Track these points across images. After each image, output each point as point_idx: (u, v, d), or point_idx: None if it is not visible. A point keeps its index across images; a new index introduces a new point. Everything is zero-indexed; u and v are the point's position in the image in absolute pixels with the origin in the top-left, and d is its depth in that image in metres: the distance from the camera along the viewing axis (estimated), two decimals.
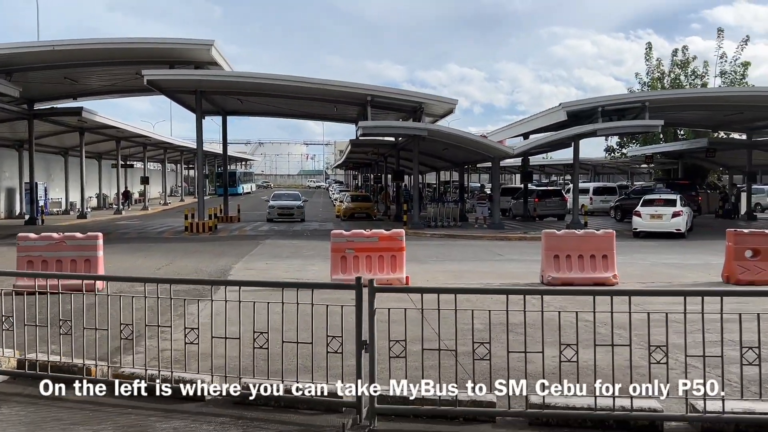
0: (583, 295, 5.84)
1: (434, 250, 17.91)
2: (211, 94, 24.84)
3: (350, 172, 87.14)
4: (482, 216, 26.76)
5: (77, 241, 10.47)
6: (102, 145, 42.92)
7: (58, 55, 22.01)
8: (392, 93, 23.02)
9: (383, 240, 11.05)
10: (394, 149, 32.62)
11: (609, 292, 5.09)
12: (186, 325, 5.17)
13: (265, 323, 4.76)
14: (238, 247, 18.57)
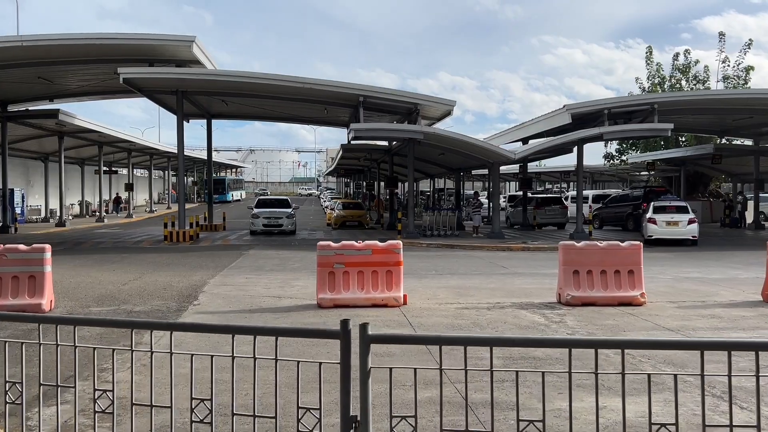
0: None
1: (432, 261, 16.47)
2: (193, 95, 23.36)
3: (342, 180, 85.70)
4: (478, 224, 25.38)
5: (20, 255, 8.96)
6: (84, 151, 41.29)
7: (28, 52, 20.45)
8: (386, 93, 21.62)
9: (377, 253, 9.60)
10: (388, 154, 31.21)
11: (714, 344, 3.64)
12: (96, 385, 3.65)
13: (209, 385, 3.27)
14: (219, 258, 17.06)
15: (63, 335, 3.88)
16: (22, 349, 3.76)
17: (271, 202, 28.14)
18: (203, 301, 10.10)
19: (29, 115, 28.04)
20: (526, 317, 8.89)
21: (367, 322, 3.00)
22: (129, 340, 3.39)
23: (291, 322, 8.47)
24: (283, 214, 25.45)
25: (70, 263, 15.82)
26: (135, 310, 9.34)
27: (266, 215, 25.29)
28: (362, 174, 54.51)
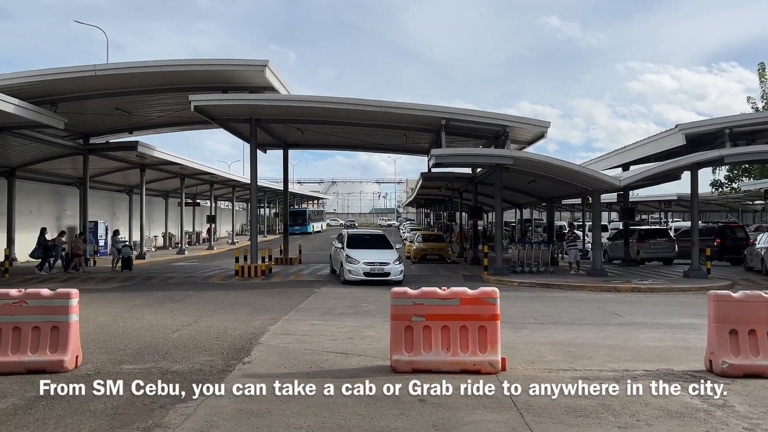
0: None
1: (528, 305, 14.16)
2: (267, 123, 22.32)
3: (422, 210, 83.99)
4: (575, 260, 22.68)
5: (43, 301, 7.57)
6: (168, 183, 41.72)
7: (102, 82, 20.08)
8: (470, 115, 19.66)
9: (467, 303, 7.55)
10: (471, 183, 29.09)
11: None
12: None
13: None
14: (287, 297, 15.48)
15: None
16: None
17: (366, 240, 20.84)
18: (255, 358, 8.36)
19: (109, 148, 28.06)
20: (672, 397, 6.54)
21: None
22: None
23: (356, 394, 6.54)
24: (390, 259, 18.80)
25: (130, 302, 14.71)
26: (172, 369, 7.72)
27: (368, 260, 18.42)
28: (443, 204, 52.51)
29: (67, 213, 33.28)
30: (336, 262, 20.61)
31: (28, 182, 28.96)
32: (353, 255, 18.85)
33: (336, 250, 20.87)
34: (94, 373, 7.41)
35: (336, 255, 20.70)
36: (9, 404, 6.11)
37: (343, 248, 19.46)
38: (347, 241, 19.89)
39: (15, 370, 7.29)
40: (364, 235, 21.96)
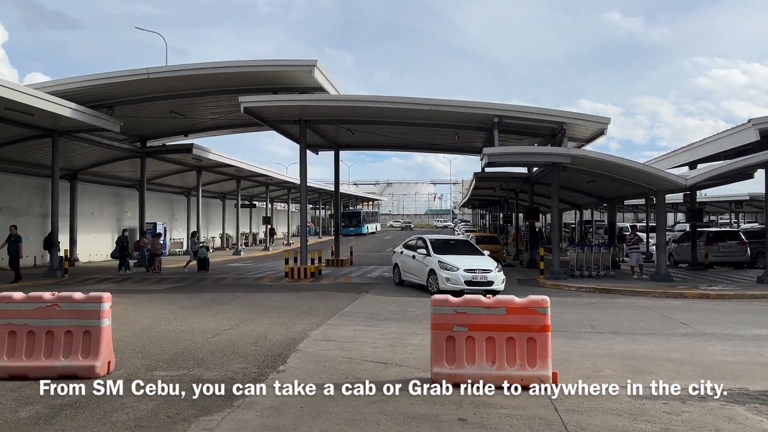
0: None
1: (585, 312, 13.32)
2: (317, 124, 22.12)
3: (477, 211, 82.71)
4: (638, 264, 21.45)
5: (75, 305, 7.42)
6: (225, 185, 42.42)
7: (156, 85, 20.39)
8: (525, 111, 18.87)
9: (514, 313, 6.95)
10: (527, 183, 28.13)
11: None
12: None
13: None
14: (333, 300, 15.15)
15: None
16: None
17: (452, 246, 18.26)
18: (291, 367, 8.00)
19: (165, 150, 28.63)
20: (748, 423, 5.76)
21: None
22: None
23: (392, 411, 6.05)
24: (491, 266, 16.40)
25: (178, 304, 14.70)
26: (204, 377, 7.43)
27: (469, 267, 16.01)
28: (498, 205, 51.37)
29: (127, 214, 34.19)
30: (412, 269, 17.87)
31: (89, 185, 29.86)
32: (449, 261, 16.29)
33: (408, 257, 18.19)
34: (125, 380, 7.18)
35: (411, 262, 17.93)
36: (32, 412, 5.93)
37: (430, 255, 16.90)
38: (433, 247, 17.31)
39: (47, 375, 7.15)
40: (448, 240, 19.31)
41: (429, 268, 16.68)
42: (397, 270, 18.95)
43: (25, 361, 7.24)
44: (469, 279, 15.75)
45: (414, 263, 17.71)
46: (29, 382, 7.01)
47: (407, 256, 18.29)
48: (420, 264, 17.30)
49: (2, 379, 7.13)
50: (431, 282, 16.43)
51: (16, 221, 25.09)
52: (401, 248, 19.09)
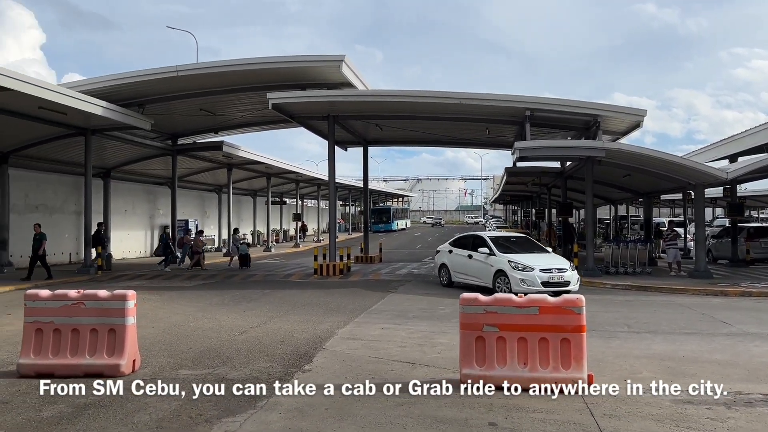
0: None
1: (621, 311, 12.89)
2: (345, 120, 21.97)
3: (509, 207, 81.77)
4: (675, 260, 20.77)
5: (100, 303, 7.37)
6: (255, 182, 42.62)
7: (185, 83, 20.46)
8: (558, 104, 18.40)
9: (547, 312, 6.66)
10: (560, 178, 27.56)
11: None
12: None
13: None
14: (362, 297, 14.98)
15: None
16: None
17: (514, 243, 16.78)
18: (317, 366, 7.83)
19: (196, 148, 28.80)
20: None
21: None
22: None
23: (419, 414, 5.83)
24: (565, 264, 15.20)
25: (206, 301, 14.71)
26: (229, 376, 7.31)
27: (544, 267, 14.68)
28: (530, 200, 50.67)
29: (159, 212, 34.57)
30: (470, 270, 16.28)
31: (122, 183, 30.23)
32: (522, 261, 14.87)
33: (461, 257, 16.70)
34: (150, 379, 7.12)
35: (467, 263, 16.38)
36: (56, 412, 5.88)
37: (494, 254, 15.44)
38: (496, 246, 15.81)
39: (72, 373, 7.13)
40: (509, 237, 17.82)
41: (496, 269, 15.17)
42: (445, 271, 17.43)
43: (52, 359, 7.22)
44: (545, 279, 14.41)
45: (473, 263, 16.13)
46: (55, 380, 6.97)
47: (460, 255, 16.81)
48: (482, 265, 15.75)
49: (29, 376, 7.12)
50: (500, 284, 14.92)
51: (51, 219, 25.62)
52: (449, 247, 17.60)
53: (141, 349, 8.50)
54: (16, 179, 22.92)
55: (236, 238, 27.29)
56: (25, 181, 23.98)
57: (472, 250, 16.37)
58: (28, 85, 15.44)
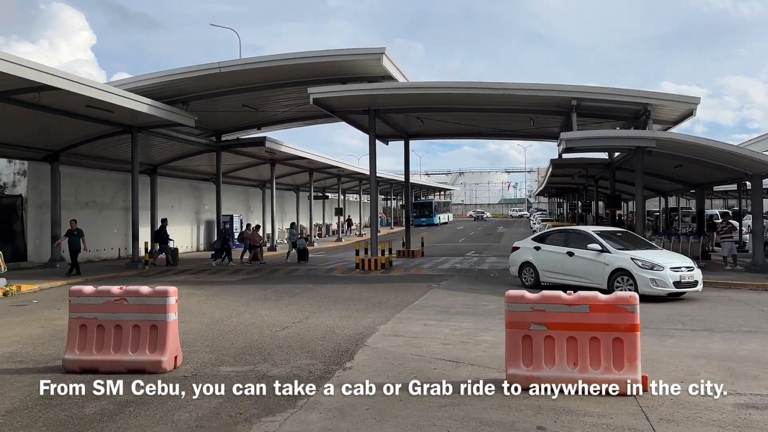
0: None
1: (675, 307, 12.35)
2: (386, 113, 21.78)
3: (554, 200, 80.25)
4: (730, 254, 19.87)
5: (142, 299, 7.39)
6: (298, 177, 42.91)
7: (227, 79, 20.59)
8: (606, 93, 17.79)
9: (598, 310, 6.33)
10: (608, 169, 26.78)
11: None
12: None
13: None
14: (404, 292, 14.80)
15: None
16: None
17: (620, 238, 15.10)
18: (358, 363, 7.69)
19: (239, 144, 29.07)
20: None
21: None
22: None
23: (463, 416, 5.62)
24: (690, 263, 13.96)
25: (250, 295, 14.78)
26: (270, 373, 7.23)
27: (674, 266, 13.30)
28: (577, 193, 49.55)
29: (205, 207, 35.12)
30: (574, 270, 14.51)
31: (168, 179, 30.80)
32: (648, 258, 13.37)
33: (556, 254, 14.98)
34: (191, 376, 7.11)
35: (566, 261, 14.70)
36: (98, 408, 5.88)
37: (608, 251, 13.80)
38: (606, 241, 14.18)
39: (116, 369, 7.17)
40: (615, 232, 15.97)
41: (613, 267, 13.55)
42: (530, 270, 15.60)
43: (95, 355, 7.27)
44: (677, 279, 13.04)
45: (576, 262, 14.41)
46: (98, 376, 7.02)
47: (553, 252, 15.06)
48: (590, 263, 14.06)
49: (74, 372, 7.19)
50: (619, 284, 13.37)
51: (101, 215, 26.29)
52: (533, 243, 15.93)
53: (184, 345, 8.54)
54: (67, 177, 23.57)
55: (293, 232, 27.41)
56: (76, 178, 24.64)
57: (573, 247, 14.66)
58: (76, 84, 15.77)
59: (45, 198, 22.85)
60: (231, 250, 25.29)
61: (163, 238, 24.01)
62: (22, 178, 23.02)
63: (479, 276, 18.94)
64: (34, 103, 16.42)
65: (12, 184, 23.13)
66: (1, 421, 5.55)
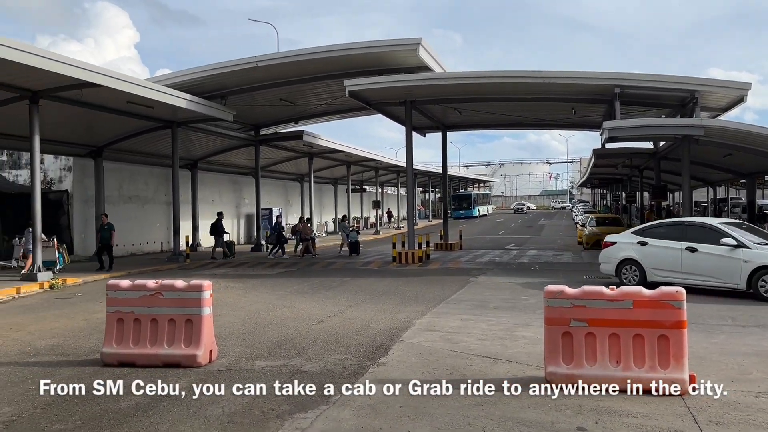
0: None
1: (724, 302, 11.84)
2: (423, 104, 21.52)
3: (597, 191, 78.54)
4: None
5: (177, 293, 7.41)
6: (336, 170, 43.04)
7: (264, 73, 20.68)
8: (651, 80, 17.15)
9: (642, 306, 6.05)
10: (653, 158, 25.97)
11: None
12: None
13: None
14: (441, 286, 14.61)
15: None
16: None
17: (746, 231, 13.49)
18: (392, 359, 7.56)
19: (277, 138, 29.23)
20: None
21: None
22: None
23: (500, 415, 5.43)
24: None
25: (287, 288, 14.82)
26: (304, 368, 7.17)
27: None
28: (620, 183, 48.33)
29: (245, 201, 35.50)
30: (699, 268, 13.00)
31: (208, 173, 31.21)
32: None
33: (671, 249, 13.42)
34: (225, 370, 7.10)
35: (686, 257, 13.14)
36: (132, 403, 5.90)
37: (746, 246, 12.38)
38: (742, 234, 12.92)
39: (152, 363, 7.21)
40: (740, 224, 14.64)
41: (755, 265, 12.15)
42: (634, 268, 14.00)
43: (132, 349, 7.33)
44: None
45: (699, 258, 12.95)
46: (135, 369, 7.08)
47: (666, 248, 13.55)
48: (723, 260, 12.60)
49: (112, 365, 7.27)
50: (764, 284, 12.05)
51: (143, 209, 26.82)
52: (636, 237, 14.30)
53: (221, 338, 8.58)
54: (111, 172, 24.10)
55: (344, 225, 27.45)
56: (119, 173, 25.17)
57: (694, 242, 13.16)
58: (116, 80, 16.02)
59: (90, 193, 23.42)
60: (285, 243, 25.41)
61: (219, 231, 24.48)
62: (68, 174, 23.64)
63: (519, 269, 18.58)
64: (77, 99, 16.76)
65: (58, 179, 23.77)
66: (40, 414, 5.62)
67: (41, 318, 11.11)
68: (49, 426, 5.31)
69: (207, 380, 6.60)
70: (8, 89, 15.21)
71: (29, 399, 6.08)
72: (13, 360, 7.82)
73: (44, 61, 13.68)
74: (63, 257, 18.57)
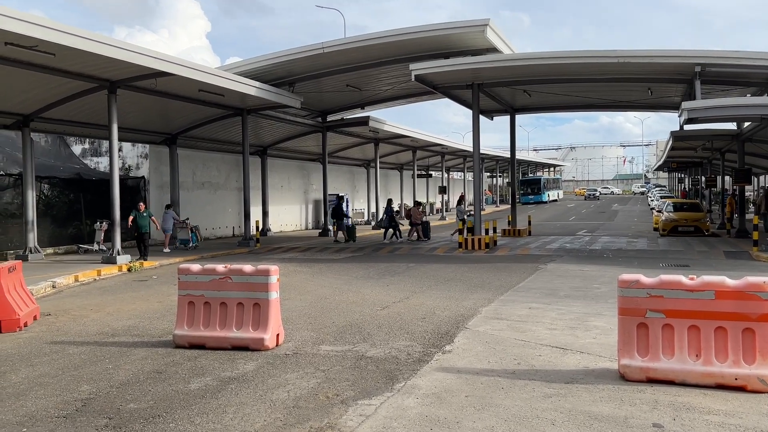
0: None
1: None
2: (490, 87, 21.08)
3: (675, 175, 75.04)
4: None
5: (245, 278, 7.53)
6: (402, 156, 42.99)
7: (331, 59, 20.77)
8: (735, 57, 16.08)
9: (725, 297, 5.67)
10: (736, 141, 24.47)
11: None
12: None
13: None
14: (508, 273, 14.32)
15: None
16: None
17: None
18: (457, 347, 7.44)
19: (344, 124, 29.41)
20: None
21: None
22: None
23: (570, 408, 5.23)
24: None
25: (353, 273, 14.92)
26: (368, 354, 7.16)
27: None
28: (700, 167, 45.95)
29: (313, 187, 35.99)
30: None
31: (277, 159, 31.82)
32: None
33: None
34: (292, 354, 7.19)
35: None
36: (202, 384, 6.05)
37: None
38: None
39: (221, 345, 7.39)
40: None
41: None
42: None
43: (203, 331, 7.53)
44: None
45: None
46: (205, 352, 7.27)
47: None
48: None
49: (183, 347, 7.49)
50: None
51: (216, 195, 27.63)
52: None
53: (288, 322, 8.71)
54: (184, 159, 24.93)
55: (461, 209, 27.30)
56: (192, 160, 26.00)
57: None
58: (188, 69, 16.47)
59: (165, 179, 24.33)
60: (399, 226, 25.48)
61: (339, 215, 24.78)
62: (144, 161, 24.61)
63: (590, 257, 17.98)
64: (151, 89, 17.35)
65: (136, 166, 24.78)
66: (115, 393, 5.84)
67: (119, 299, 11.62)
68: (124, 405, 5.50)
69: (274, 364, 6.71)
70: (88, 80, 15.90)
71: (106, 378, 6.34)
72: (93, 340, 8.19)
73: (122, 52, 14.20)
74: (196, 236, 21.61)
